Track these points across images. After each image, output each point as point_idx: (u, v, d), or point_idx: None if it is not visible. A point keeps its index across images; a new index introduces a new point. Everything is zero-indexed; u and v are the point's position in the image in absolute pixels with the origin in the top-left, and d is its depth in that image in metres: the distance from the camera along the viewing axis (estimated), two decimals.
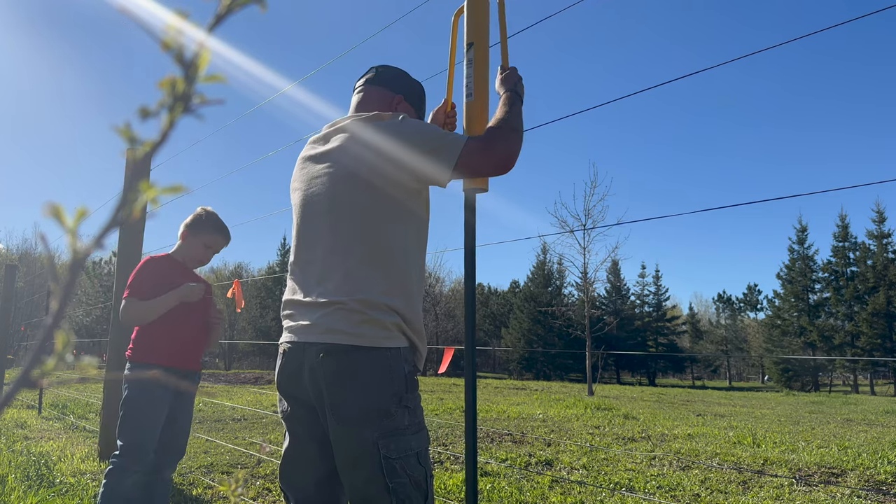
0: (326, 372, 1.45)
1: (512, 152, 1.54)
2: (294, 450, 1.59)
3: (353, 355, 1.45)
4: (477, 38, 1.92)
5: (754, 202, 3.40)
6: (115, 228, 0.33)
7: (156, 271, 2.62)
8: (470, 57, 1.91)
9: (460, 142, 1.51)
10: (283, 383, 1.60)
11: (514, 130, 1.57)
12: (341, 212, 1.54)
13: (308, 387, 1.51)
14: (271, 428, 6.90)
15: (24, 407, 8.73)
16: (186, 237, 2.73)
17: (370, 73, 1.80)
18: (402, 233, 1.55)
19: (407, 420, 1.46)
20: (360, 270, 1.50)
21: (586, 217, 19.89)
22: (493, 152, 1.52)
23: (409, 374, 1.50)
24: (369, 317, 1.46)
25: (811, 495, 4.24)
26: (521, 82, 1.77)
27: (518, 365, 41.11)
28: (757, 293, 48.64)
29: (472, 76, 1.89)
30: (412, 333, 1.54)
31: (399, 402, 1.45)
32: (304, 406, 1.56)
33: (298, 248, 1.64)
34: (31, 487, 3.71)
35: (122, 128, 0.33)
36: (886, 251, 33.16)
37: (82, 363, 0.36)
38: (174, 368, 2.59)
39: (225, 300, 33.82)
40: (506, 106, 1.65)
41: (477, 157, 1.51)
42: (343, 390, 1.44)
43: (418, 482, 1.45)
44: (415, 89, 1.82)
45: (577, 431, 7.40)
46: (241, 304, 4.16)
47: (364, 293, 1.48)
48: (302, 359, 1.52)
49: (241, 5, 0.34)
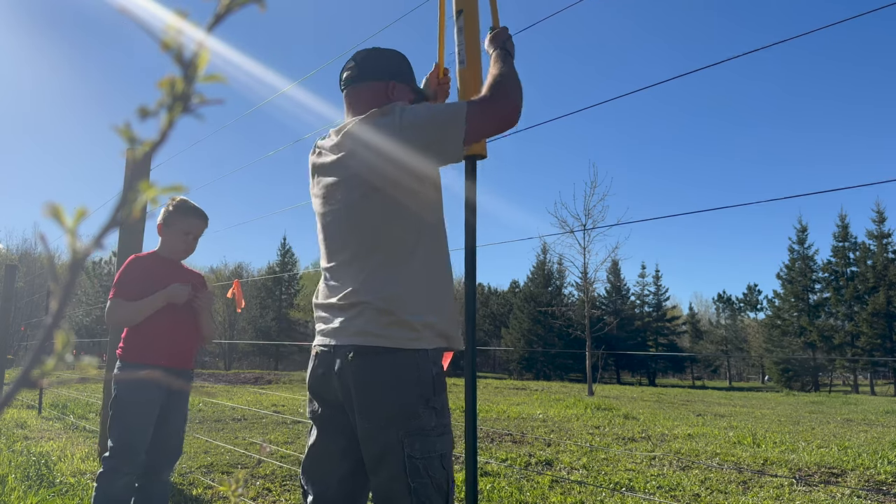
0: (356, 372, 1.48)
1: (515, 105, 1.53)
2: (320, 446, 1.61)
3: (382, 356, 1.47)
4: (466, 4, 1.91)
5: (754, 202, 3.40)
6: (114, 228, 0.33)
7: (141, 270, 2.57)
8: (460, 25, 1.89)
9: (461, 111, 1.49)
10: (313, 385, 1.63)
11: (512, 84, 1.56)
12: (359, 219, 1.56)
13: (337, 388, 1.53)
14: (271, 428, 6.90)
15: (24, 407, 8.73)
16: (163, 230, 2.66)
17: (351, 69, 1.75)
18: (420, 233, 1.56)
19: (434, 421, 1.48)
20: (384, 273, 1.52)
21: (586, 217, 19.91)
22: (496, 109, 1.51)
23: (437, 375, 1.52)
24: (397, 318, 1.48)
25: (811, 495, 4.24)
26: (510, 40, 1.75)
27: (518, 365, 41.11)
28: (757, 293, 48.62)
29: (463, 43, 1.88)
30: (443, 332, 1.55)
31: (426, 403, 1.47)
32: (333, 406, 1.59)
33: (325, 253, 1.67)
34: (31, 487, 3.71)
35: (121, 127, 0.33)
36: (886, 251, 33.16)
37: (82, 363, 0.36)
38: (165, 367, 2.53)
39: (225, 300, 33.80)
40: (498, 62, 1.64)
41: (481, 118, 1.49)
42: (371, 390, 1.46)
43: (440, 484, 1.46)
44: (400, 66, 1.77)
45: (577, 431, 7.40)
46: (241, 304, 4.16)
47: (390, 295, 1.49)
48: (332, 360, 1.54)
49: (241, 5, 0.34)
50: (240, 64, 4.66)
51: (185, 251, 2.70)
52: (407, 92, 1.77)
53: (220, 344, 40.85)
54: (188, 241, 2.69)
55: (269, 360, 43.34)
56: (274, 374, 24.70)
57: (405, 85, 1.76)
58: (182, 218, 2.66)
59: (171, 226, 2.65)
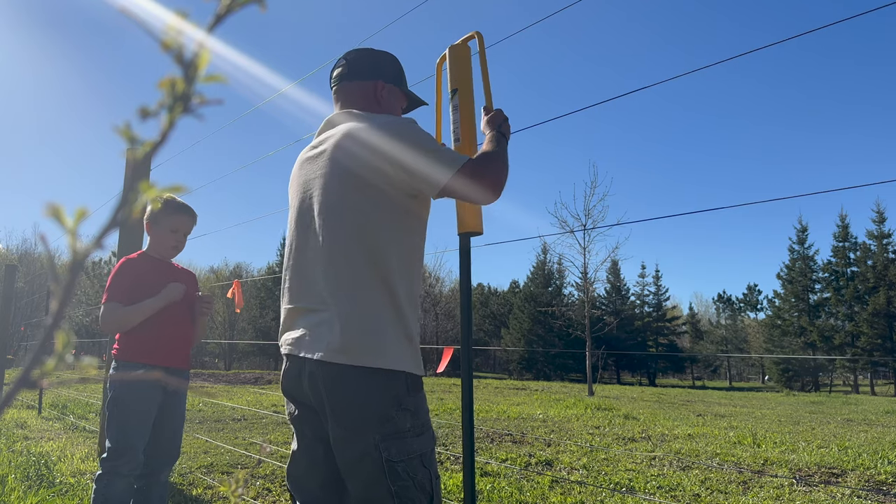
0: (325, 377, 1.45)
1: (500, 180, 1.54)
2: (301, 451, 1.60)
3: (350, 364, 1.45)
4: (460, 84, 1.97)
5: (754, 202, 3.40)
6: (115, 228, 0.33)
7: (133, 272, 2.54)
8: (455, 103, 1.95)
9: (462, 159, 1.50)
10: (287, 387, 1.61)
11: (502, 163, 1.58)
12: (333, 212, 1.52)
13: (308, 392, 1.52)
14: (271, 428, 6.90)
15: (24, 407, 8.73)
16: (151, 229, 2.64)
17: (342, 67, 1.74)
18: (397, 234, 1.52)
19: (409, 423, 1.45)
20: (354, 273, 1.48)
21: (586, 217, 19.93)
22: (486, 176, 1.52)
23: (409, 376, 1.48)
24: (365, 321, 1.45)
25: (811, 495, 4.24)
26: (506, 122, 1.76)
27: (518, 365, 41.10)
28: (757, 293, 48.65)
29: (458, 121, 1.93)
30: (408, 334, 1.51)
31: (399, 405, 1.44)
32: (309, 408, 1.57)
33: (291, 251, 1.63)
34: (31, 487, 3.71)
35: (122, 128, 0.33)
36: (886, 251, 33.16)
37: (82, 363, 0.36)
38: (161, 367, 2.52)
39: (225, 300, 33.79)
40: (492, 143, 1.65)
41: (472, 175, 1.49)
42: (342, 395, 1.44)
43: (422, 484, 1.44)
44: (390, 67, 1.76)
45: (577, 431, 7.40)
46: (240, 304, 4.15)
47: (358, 297, 1.46)
48: (301, 364, 1.52)
49: (241, 5, 0.34)
50: (240, 64, 4.66)
51: (174, 248, 2.67)
52: (397, 94, 1.75)
53: (220, 344, 40.89)
54: (177, 239, 2.65)
55: (269, 360, 43.36)
56: (274, 374, 24.70)
57: (395, 87, 1.74)
58: (169, 215, 2.62)
59: (157, 223, 2.63)
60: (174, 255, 2.71)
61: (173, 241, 2.65)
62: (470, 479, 1.85)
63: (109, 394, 2.46)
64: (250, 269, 48.45)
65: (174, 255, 2.71)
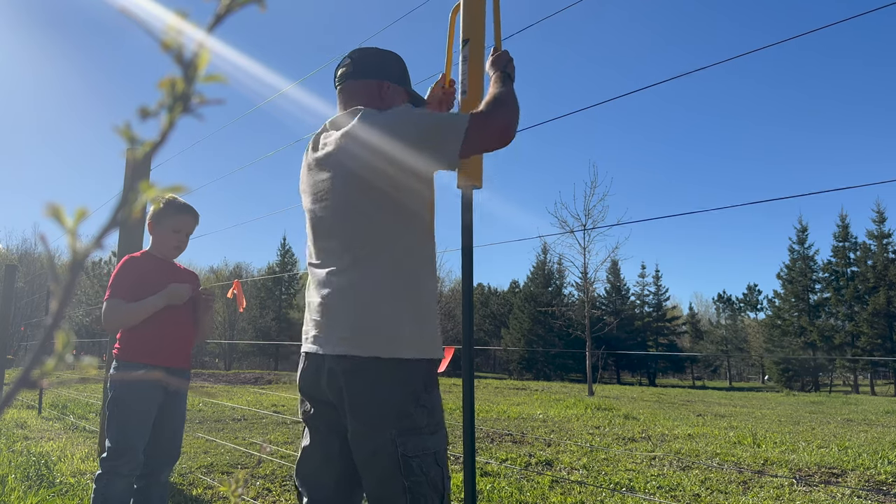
0: (345, 373, 1.48)
1: (511, 121, 1.52)
2: (315, 447, 1.61)
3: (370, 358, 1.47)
4: (472, 34, 1.91)
5: (754, 202, 3.40)
6: (115, 228, 0.33)
7: (136, 270, 2.54)
8: (465, 54, 1.90)
9: (463, 120, 1.49)
10: (304, 385, 1.62)
11: (510, 103, 1.56)
12: (346, 216, 1.55)
13: (326, 389, 1.53)
14: (271, 428, 6.90)
15: (24, 407, 8.72)
16: (153, 229, 2.64)
17: (346, 66, 1.74)
18: (408, 232, 1.55)
19: (425, 420, 1.48)
20: (371, 273, 1.51)
21: (586, 217, 19.94)
22: (494, 123, 1.50)
23: (427, 373, 1.51)
24: (384, 318, 1.48)
25: (811, 495, 4.24)
26: (511, 63, 1.74)
27: (518, 365, 41.11)
28: (757, 293, 48.62)
29: (466, 73, 1.88)
30: (427, 332, 1.54)
31: (417, 401, 1.47)
32: (326, 405, 1.58)
33: (312, 252, 1.67)
34: (31, 487, 3.71)
35: (122, 128, 0.33)
36: (886, 251, 33.17)
37: (82, 363, 0.36)
38: (162, 367, 2.51)
39: (225, 300, 33.78)
40: (498, 83, 1.64)
41: (480, 130, 1.49)
42: (361, 391, 1.46)
43: (435, 482, 1.46)
44: (396, 67, 1.76)
45: (577, 431, 7.40)
46: (242, 304, 4.15)
47: (376, 295, 1.49)
48: (321, 362, 1.54)
49: (241, 5, 0.34)
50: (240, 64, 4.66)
51: (176, 248, 2.67)
52: (401, 93, 1.75)
53: (219, 344, 40.86)
54: (179, 239, 2.66)
55: (269, 360, 43.35)
56: (274, 374, 24.70)
57: (399, 86, 1.74)
58: (172, 215, 2.63)
59: (160, 222, 2.63)
60: (176, 256, 2.72)
61: (175, 241, 2.65)
62: (470, 479, 1.85)
63: (110, 394, 2.45)
64: (250, 269, 48.52)
65: (176, 256, 2.72)
